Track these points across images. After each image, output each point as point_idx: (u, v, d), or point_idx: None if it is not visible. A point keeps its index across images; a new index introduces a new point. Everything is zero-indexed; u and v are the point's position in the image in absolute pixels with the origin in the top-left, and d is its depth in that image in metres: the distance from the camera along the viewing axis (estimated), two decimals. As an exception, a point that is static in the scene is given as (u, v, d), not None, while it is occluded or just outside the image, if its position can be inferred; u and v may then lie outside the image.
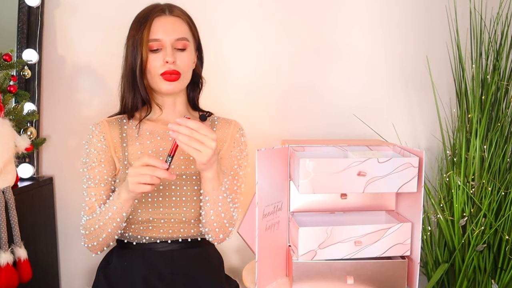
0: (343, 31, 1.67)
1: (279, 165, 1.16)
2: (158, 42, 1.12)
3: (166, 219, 1.16)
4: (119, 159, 1.17)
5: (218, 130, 1.24)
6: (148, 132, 1.19)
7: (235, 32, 1.65)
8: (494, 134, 1.45)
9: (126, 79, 1.18)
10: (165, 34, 1.12)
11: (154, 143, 1.18)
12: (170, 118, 1.22)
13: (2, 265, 1.19)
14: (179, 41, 1.13)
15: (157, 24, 1.12)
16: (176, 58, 1.13)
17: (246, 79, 1.67)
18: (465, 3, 1.54)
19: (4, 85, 1.40)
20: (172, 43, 1.13)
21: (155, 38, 1.12)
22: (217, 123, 1.26)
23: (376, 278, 1.13)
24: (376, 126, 1.65)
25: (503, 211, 1.41)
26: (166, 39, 1.12)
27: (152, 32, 1.12)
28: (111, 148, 1.17)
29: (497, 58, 1.47)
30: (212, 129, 1.24)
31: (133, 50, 1.13)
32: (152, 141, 1.18)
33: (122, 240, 1.19)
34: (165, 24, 1.13)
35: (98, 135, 1.17)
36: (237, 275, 1.63)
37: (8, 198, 1.23)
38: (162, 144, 1.19)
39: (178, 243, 1.18)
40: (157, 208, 1.15)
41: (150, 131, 1.20)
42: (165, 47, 1.12)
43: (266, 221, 1.11)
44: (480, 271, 1.45)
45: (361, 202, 1.27)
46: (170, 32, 1.12)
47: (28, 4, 1.55)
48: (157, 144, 1.18)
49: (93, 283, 1.20)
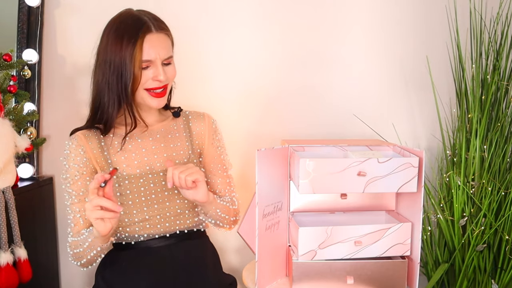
0: (343, 31, 1.67)
1: (279, 165, 1.16)
2: (149, 62, 1.12)
3: (161, 214, 1.17)
4: (102, 168, 1.17)
5: (193, 124, 1.27)
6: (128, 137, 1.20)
7: (235, 32, 1.65)
8: (494, 134, 1.45)
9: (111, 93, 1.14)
10: (156, 54, 1.11)
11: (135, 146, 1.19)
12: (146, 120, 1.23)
13: (2, 265, 1.19)
14: (167, 59, 1.15)
15: (148, 44, 1.10)
16: (165, 73, 1.14)
17: (246, 79, 1.67)
18: (465, 3, 1.54)
19: (4, 85, 1.40)
20: (162, 61, 1.14)
21: (148, 60, 1.11)
22: (191, 117, 1.28)
23: (376, 278, 1.13)
24: (376, 126, 1.65)
25: (503, 211, 1.41)
26: (157, 58, 1.12)
27: (144, 53, 1.10)
28: (92, 160, 1.17)
29: (497, 58, 1.47)
30: (188, 124, 1.27)
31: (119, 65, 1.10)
32: (133, 144, 1.20)
33: (120, 243, 1.20)
34: (156, 44, 1.12)
35: (76, 149, 1.17)
36: (237, 275, 1.63)
37: (8, 198, 1.23)
38: (143, 145, 1.20)
39: (176, 236, 1.19)
40: (151, 206, 1.16)
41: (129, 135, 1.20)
42: (156, 65, 1.12)
43: (266, 221, 1.11)
44: (480, 271, 1.45)
45: (361, 202, 1.27)
46: (160, 52, 1.12)
47: (28, 4, 1.55)
48: (139, 146, 1.20)
49: (93, 286, 1.20)
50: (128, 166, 1.17)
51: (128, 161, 1.17)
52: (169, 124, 1.26)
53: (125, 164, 1.17)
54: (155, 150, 1.20)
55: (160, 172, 1.18)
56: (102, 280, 1.18)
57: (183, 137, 1.25)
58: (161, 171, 1.18)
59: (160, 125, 1.25)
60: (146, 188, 1.16)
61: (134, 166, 1.17)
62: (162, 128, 1.24)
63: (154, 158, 1.20)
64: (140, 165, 1.18)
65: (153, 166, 1.19)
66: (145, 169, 1.18)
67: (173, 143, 1.23)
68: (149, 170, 1.18)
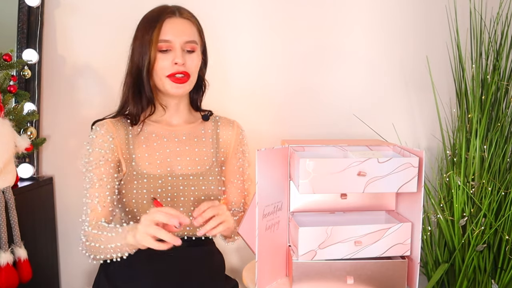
0: (343, 31, 1.67)
1: (279, 165, 1.16)
2: (168, 43, 1.11)
3: None
4: (125, 161, 1.16)
5: (221, 131, 1.26)
6: (154, 134, 1.19)
7: (235, 33, 1.65)
8: (494, 134, 1.45)
9: (131, 78, 1.16)
10: (175, 35, 1.11)
11: (160, 145, 1.18)
12: (173, 120, 1.22)
13: (2, 265, 1.19)
14: (188, 43, 1.13)
15: (167, 25, 1.12)
16: (185, 60, 1.12)
17: (246, 79, 1.67)
18: (465, 3, 1.54)
19: (4, 85, 1.40)
20: (182, 45, 1.12)
21: (165, 39, 1.11)
22: (220, 123, 1.27)
23: (376, 278, 1.13)
24: (376, 126, 1.65)
25: (503, 211, 1.41)
26: (176, 41, 1.11)
27: (162, 33, 1.11)
28: (118, 149, 1.15)
29: (497, 58, 1.47)
30: (216, 130, 1.25)
31: (140, 50, 1.12)
32: (159, 143, 1.18)
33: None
34: (176, 26, 1.12)
35: (105, 135, 1.15)
36: (237, 275, 1.63)
37: (8, 198, 1.23)
38: (168, 145, 1.19)
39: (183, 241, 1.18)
40: None
41: (156, 133, 1.19)
42: (175, 49, 1.12)
43: (266, 221, 1.11)
44: (480, 271, 1.45)
45: (361, 202, 1.27)
46: (180, 34, 1.12)
47: (28, 4, 1.55)
48: (164, 145, 1.18)
49: (94, 283, 1.20)
50: (150, 164, 1.15)
51: (150, 159, 1.16)
52: (197, 127, 1.24)
53: (147, 162, 1.15)
54: (179, 152, 1.18)
55: (179, 176, 1.16)
56: (105, 277, 1.17)
57: (209, 142, 1.23)
58: (180, 175, 1.16)
59: (188, 127, 1.23)
60: (163, 190, 1.14)
61: (156, 166, 1.16)
62: (189, 130, 1.22)
63: (177, 160, 1.18)
64: (161, 165, 1.16)
65: (174, 169, 1.17)
66: (165, 170, 1.16)
67: (198, 147, 1.21)
68: (169, 172, 1.16)
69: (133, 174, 1.14)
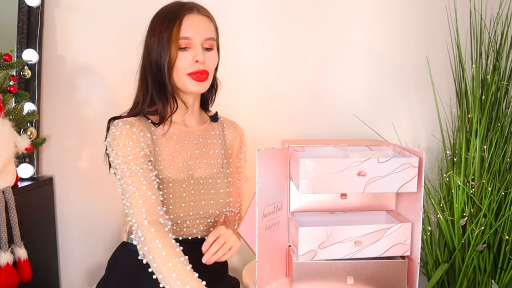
0: (343, 31, 1.67)
1: (279, 165, 1.16)
2: (188, 40, 1.08)
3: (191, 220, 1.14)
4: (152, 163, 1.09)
5: (227, 132, 1.25)
6: (175, 136, 1.15)
7: (235, 33, 1.65)
8: (494, 134, 1.45)
9: (151, 75, 1.11)
10: (195, 32, 1.08)
11: (181, 148, 1.15)
12: (188, 121, 1.19)
13: (2, 265, 1.19)
14: (207, 40, 1.10)
15: (187, 21, 1.08)
16: (205, 57, 1.10)
17: (246, 79, 1.67)
18: (465, 3, 1.54)
19: (4, 85, 1.40)
20: (202, 42, 1.09)
21: (185, 36, 1.07)
22: (225, 124, 1.26)
23: (376, 278, 1.13)
24: (376, 126, 1.65)
25: (503, 211, 1.41)
26: (196, 38, 1.08)
27: (183, 29, 1.07)
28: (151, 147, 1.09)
29: (497, 58, 1.47)
30: (223, 131, 1.25)
31: (159, 47, 1.07)
32: (180, 145, 1.15)
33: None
34: (196, 22, 1.09)
35: (138, 132, 1.06)
36: (237, 275, 1.63)
37: (8, 198, 1.23)
38: (189, 148, 1.16)
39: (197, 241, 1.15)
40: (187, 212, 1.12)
41: (177, 135, 1.16)
42: (195, 46, 1.08)
43: (266, 221, 1.11)
44: (480, 271, 1.45)
45: (361, 202, 1.27)
46: (201, 31, 1.09)
47: (28, 4, 1.55)
48: (185, 148, 1.15)
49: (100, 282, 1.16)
50: (174, 168, 1.12)
51: (174, 162, 1.12)
52: (207, 129, 1.22)
53: (171, 166, 1.11)
54: (198, 155, 1.16)
55: (200, 180, 1.14)
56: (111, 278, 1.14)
57: (219, 144, 1.22)
58: (200, 178, 1.15)
59: (201, 128, 1.21)
60: (187, 194, 1.12)
61: (179, 170, 1.12)
62: (202, 131, 1.20)
63: (197, 163, 1.16)
64: (183, 168, 1.13)
65: (194, 172, 1.15)
66: (187, 174, 1.14)
67: (212, 149, 1.20)
68: (191, 176, 1.14)
69: (159, 178, 1.09)
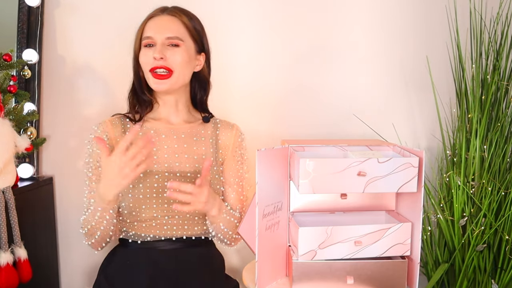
0: (343, 31, 1.67)
1: (279, 165, 1.16)
2: (149, 40, 1.16)
3: (170, 216, 1.17)
4: None
5: (221, 133, 1.27)
6: (153, 131, 1.21)
7: (235, 33, 1.65)
8: (494, 134, 1.45)
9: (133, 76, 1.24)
10: (156, 31, 1.15)
11: (158, 142, 1.20)
12: (172, 118, 1.24)
13: (2, 265, 1.19)
14: (170, 39, 1.15)
15: (151, 22, 1.17)
16: (168, 55, 1.14)
17: (246, 79, 1.67)
18: (465, 3, 1.54)
19: (4, 85, 1.40)
20: (163, 41, 1.15)
21: (147, 36, 1.16)
22: (220, 125, 1.28)
23: (376, 278, 1.13)
24: (376, 126, 1.65)
25: (503, 211, 1.41)
26: (156, 37, 1.15)
27: (145, 30, 1.17)
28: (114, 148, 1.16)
29: (497, 58, 1.47)
30: (216, 131, 1.27)
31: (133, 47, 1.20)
32: (157, 139, 1.20)
33: (127, 240, 1.19)
34: (158, 23, 1.17)
35: (101, 135, 1.18)
36: (237, 275, 1.63)
37: (8, 198, 1.23)
38: (166, 142, 1.20)
39: (182, 241, 1.19)
40: (162, 205, 1.16)
41: (155, 129, 1.21)
42: (157, 44, 1.15)
43: (266, 221, 1.11)
44: (480, 271, 1.45)
45: (361, 202, 1.27)
46: (162, 30, 1.15)
47: (28, 4, 1.55)
48: (162, 142, 1.20)
49: (94, 283, 1.20)
50: None
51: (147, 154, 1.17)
52: (196, 127, 1.25)
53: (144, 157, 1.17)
54: (177, 149, 1.20)
55: (177, 173, 1.18)
56: (104, 276, 1.17)
57: (209, 143, 1.24)
58: (178, 172, 1.18)
59: (188, 126, 1.25)
60: (159, 186, 1.15)
61: (153, 161, 1.17)
62: (188, 129, 1.24)
63: (175, 157, 1.19)
64: (158, 161, 1.18)
65: (172, 165, 1.18)
66: (163, 166, 1.18)
67: (197, 146, 1.23)
68: (166, 168, 1.18)
69: None
